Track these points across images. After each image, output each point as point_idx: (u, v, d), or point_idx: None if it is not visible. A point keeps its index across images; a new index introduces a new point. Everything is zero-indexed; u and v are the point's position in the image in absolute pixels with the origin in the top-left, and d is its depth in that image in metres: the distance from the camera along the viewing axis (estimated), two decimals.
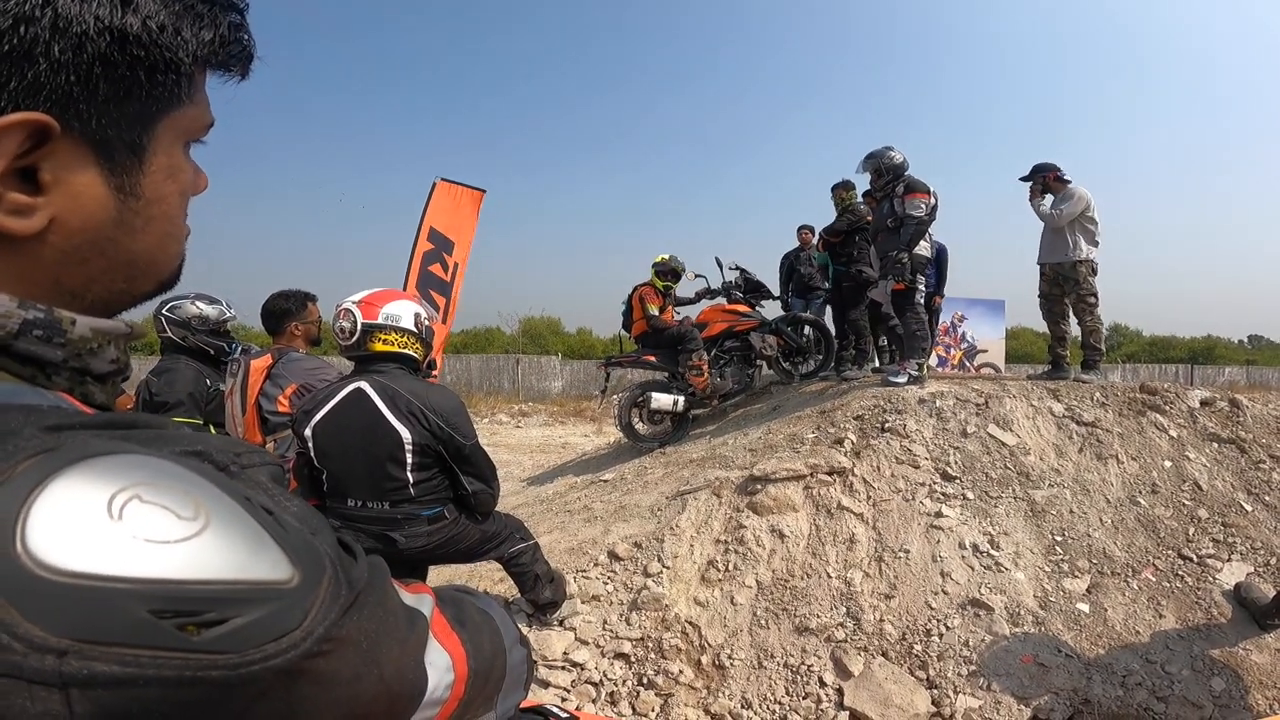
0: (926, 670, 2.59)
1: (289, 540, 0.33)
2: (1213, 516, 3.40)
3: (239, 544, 0.31)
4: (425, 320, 2.41)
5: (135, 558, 0.28)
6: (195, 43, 0.43)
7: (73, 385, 0.41)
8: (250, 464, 0.38)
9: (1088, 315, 5.01)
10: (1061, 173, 5.09)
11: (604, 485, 4.65)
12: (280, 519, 0.34)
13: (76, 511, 0.28)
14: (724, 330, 5.71)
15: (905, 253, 4.62)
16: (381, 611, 0.37)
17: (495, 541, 2.60)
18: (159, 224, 0.45)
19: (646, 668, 2.70)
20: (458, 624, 0.50)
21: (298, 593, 0.32)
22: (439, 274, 5.83)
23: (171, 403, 2.97)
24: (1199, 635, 2.77)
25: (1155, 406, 4.18)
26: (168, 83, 0.42)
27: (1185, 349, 29.30)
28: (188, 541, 0.29)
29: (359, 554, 0.39)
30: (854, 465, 3.62)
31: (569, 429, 11.51)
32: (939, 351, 12.04)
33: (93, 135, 0.40)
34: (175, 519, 0.29)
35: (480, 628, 0.54)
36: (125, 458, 0.31)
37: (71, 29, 0.37)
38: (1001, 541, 3.19)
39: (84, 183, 0.40)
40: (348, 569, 0.36)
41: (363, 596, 0.36)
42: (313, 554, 0.34)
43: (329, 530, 0.38)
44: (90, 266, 0.42)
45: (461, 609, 0.54)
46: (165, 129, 0.44)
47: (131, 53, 0.40)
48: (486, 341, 24.03)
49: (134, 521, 0.28)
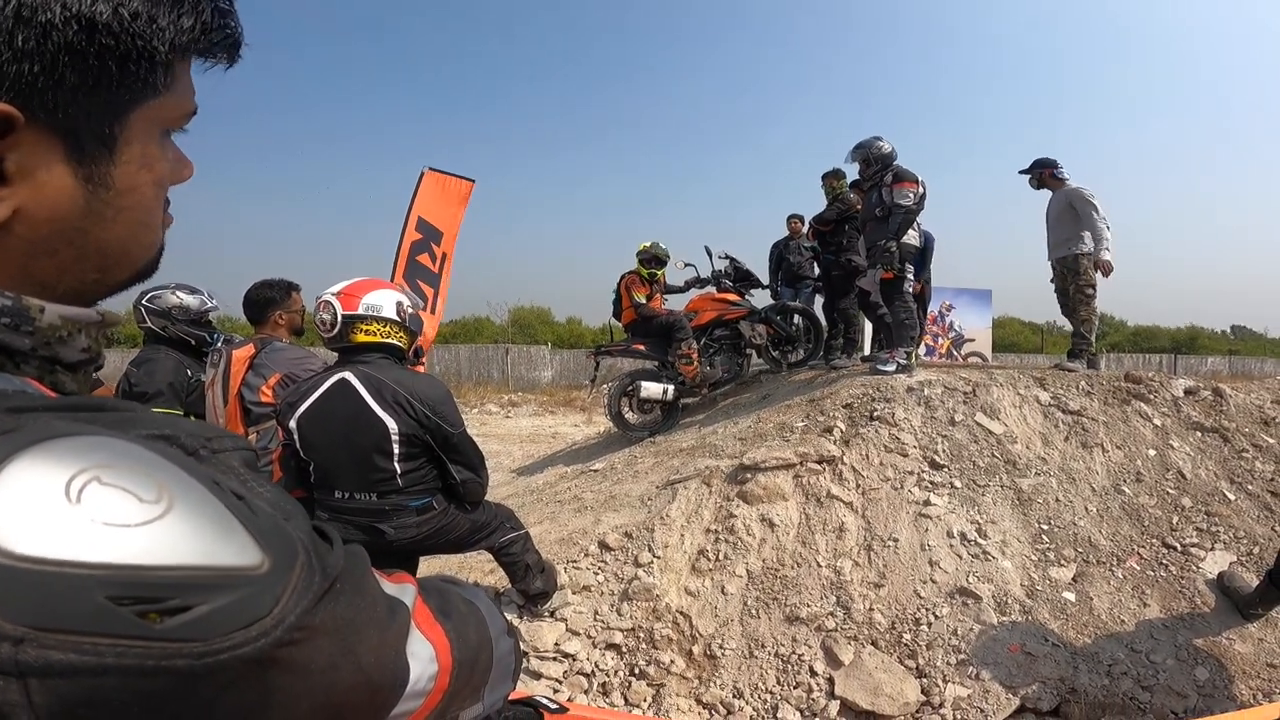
0: (916, 659, 2.61)
1: (259, 525, 0.32)
2: (1196, 505, 3.44)
3: (204, 528, 0.30)
4: (409, 308, 2.37)
5: (93, 542, 0.27)
6: (173, 30, 0.41)
7: (42, 374, 0.40)
8: (221, 449, 0.37)
9: (1083, 307, 5.06)
10: (1058, 169, 5.15)
11: (594, 475, 4.64)
12: (251, 504, 0.33)
13: (33, 494, 0.27)
14: (713, 319, 5.70)
15: (893, 242, 4.63)
16: (359, 599, 0.36)
17: (485, 531, 2.58)
18: (131, 214, 0.44)
19: (638, 658, 2.70)
20: (441, 615, 0.49)
21: (268, 579, 0.30)
22: (427, 264, 5.77)
23: (151, 393, 2.92)
24: (1183, 624, 2.80)
25: (1140, 395, 4.22)
26: (141, 72, 0.41)
27: (1169, 339, 29.69)
28: (149, 525, 0.28)
29: (335, 541, 0.38)
30: (843, 454, 3.63)
31: (559, 419, 11.48)
32: (927, 340, 12.13)
33: (60, 126, 0.38)
34: (136, 502, 0.28)
35: (465, 618, 0.53)
36: (87, 439, 0.30)
37: (36, 17, 0.36)
38: (989, 530, 3.21)
39: (50, 174, 0.39)
40: (322, 555, 0.35)
41: (339, 584, 0.34)
42: (285, 539, 0.33)
43: (304, 516, 0.36)
44: (60, 257, 0.41)
45: (446, 599, 0.53)
46: (139, 119, 0.42)
47: (101, 42, 0.38)
48: (476, 331, 23.91)
49: (92, 504, 0.27)
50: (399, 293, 2.37)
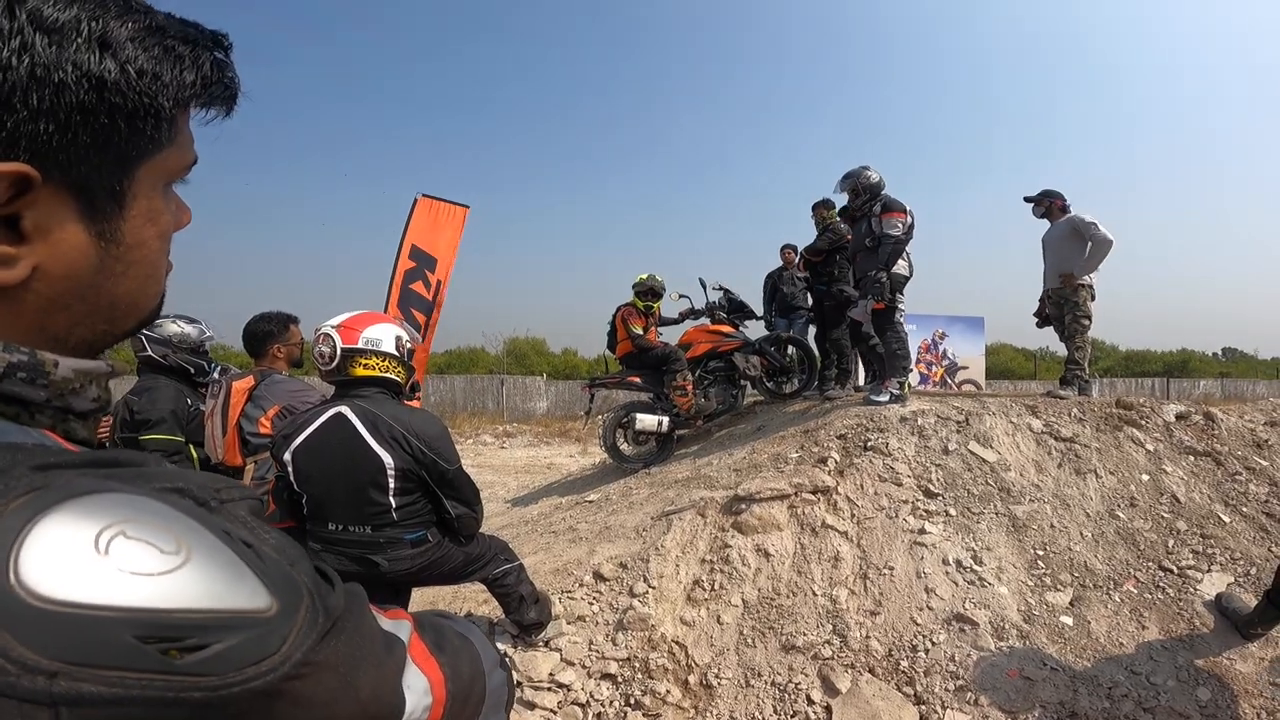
0: (914, 686, 2.59)
1: (267, 571, 0.35)
2: (1191, 528, 3.45)
3: (219, 575, 0.33)
4: (407, 343, 2.40)
5: (122, 588, 0.30)
6: (177, 85, 0.43)
7: (55, 422, 0.42)
8: (230, 499, 0.39)
9: (1078, 336, 5.14)
10: (1065, 202, 5.30)
11: (589, 506, 4.63)
12: (259, 551, 0.36)
13: (66, 546, 0.30)
14: (708, 351, 5.74)
15: (884, 272, 4.68)
16: (359, 637, 0.39)
17: (480, 563, 2.58)
18: (140, 268, 0.45)
19: (633, 688, 2.67)
20: (436, 648, 0.51)
21: (276, 620, 0.34)
22: (421, 292, 5.80)
23: (154, 420, 2.94)
24: (1183, 646, 2.79)
25: (1131, 421, 4.25)
26: (147, 128, 0.42)
27: (1160, 363, 29.88)
28: (170, 574, 0.31)
29: (336, 582, 0.40)
30: (838, 484, 3.64)
31: (554, 449, 11.44)
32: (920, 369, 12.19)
33: (74, 183, 0.40)
34: (158, 553, 0.31)
35: (459, 652, 0.55)
36: (110, 496, 0.32)
37: (50, 77, 0.37)
38: (984, 557, 3.21)
39: (65, 231, 0.40)
40: (325, 597, 0.38)
41: (340, 623, 0.38)
42: (290, 584, 0.36)
43: (306, 560, 0.39)
44: (73, 312, 0.43)
45: (440, 634, 0.55)
46: (146, 173, 0.44)
47: (110, 100, 0.40)
48: (471, 362, 23.92)
49: (120, 555, 0.30)
50: (399, 327, 2.39)
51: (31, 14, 0.37)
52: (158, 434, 2.96)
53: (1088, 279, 5.09)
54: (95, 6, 0.40)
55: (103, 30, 0.39)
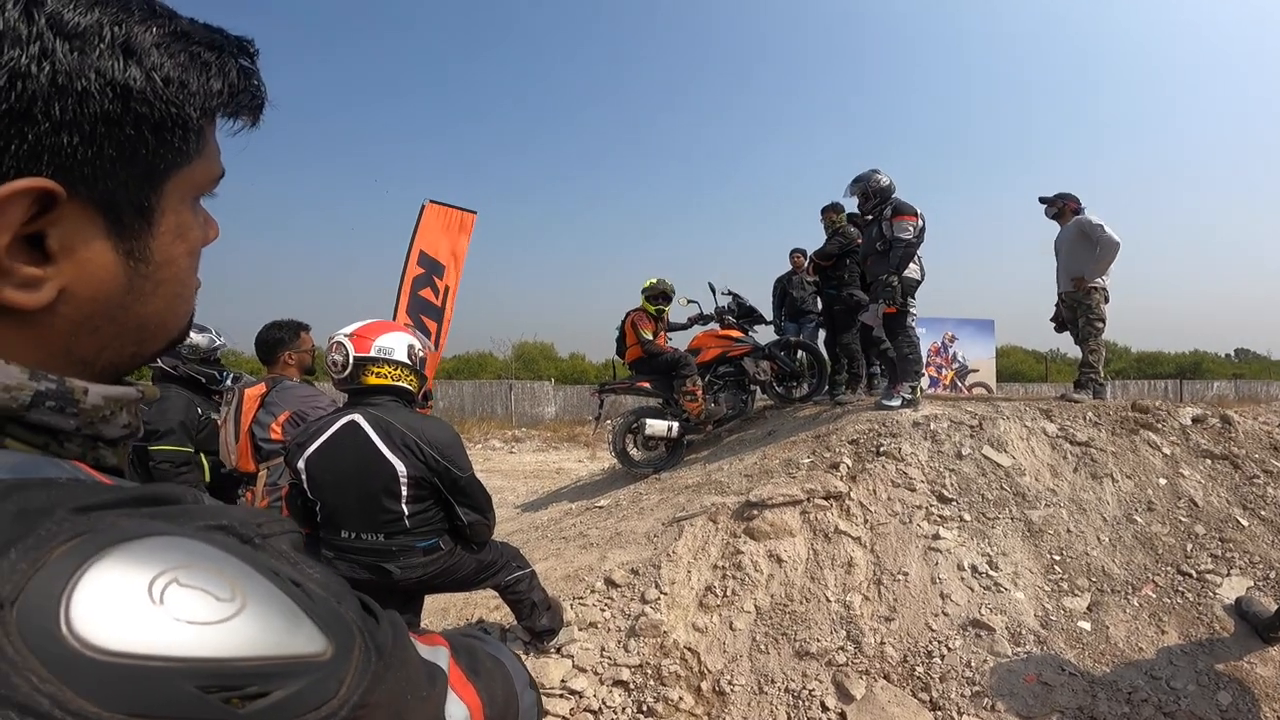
0: (929, 692, 2.56)
1: (319, 612, 0.34)
2: (1210, 532, 3.41)
3: (275, 621, 0.32)
4: (419, 352, 2.40)
5: (181, 639, 0.29)
6: (204, 94, 0.41)
7: (85, 451, 0.40)
8: (272, 533, 0.38)
9: (1092, 339, 5.09)
10: (1079, 204, 5.27)
11: (599, 511, 4.62)
12: (308, 590, 0.35)
13: (119, 595, 0.29)
14: (718, 356, 5.72)
15: (895, 276, 4.66)
16: (406, 671, 0.38)
17: (491, 570, 2.57)
18: (169, 286, 0.44)
19: (646, 695, 2.66)
20: (472, 673, 0.51)
21: (332, 664, 0.33)
22: (430, 298, 5.81)
23: (163, 430, 2.96)
24: (1203, 650, 2.76)
25: (1148, 425, 4.21)
26: (175, 139, 0.40)
27: (1173, 364, 29.60)
28: (228, 622, 0.30)
29: (380, 616, 0.39)
30: (850, 489, 3.62)
31: (563, 454, 11.45)
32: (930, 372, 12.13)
33: (100, 199, 0.38)
34: (214, 600, 0.30)
35: (493, 675, 0.54)
36: (158, 540, 0.31)
37: (72, 85, 0.35)
38: (1000, 562, 3.18)
39: (92, 250, 0.38)
40: (374, 635, 0.36)
41: (389, 659, 0.36)
42: (342, 625, 0.35)
43: (351, 595, 0.38)
44: (102, 334, 0.41)
45: (475, 658, 0.54)
46: (174, 187, 0.42)
47: (136, 110, 0.38)
48: (479, 367, 23.99)
49: (175, 605, 0.29)
50: (411, 336, 2.39)
51: (51, 18, 0.35)
52: (166, 445, 2.97)
53: (1100, 282, 5.05)
54: (118, 10, 0.38)
55: (126, 35, 0.38)
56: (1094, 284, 5.03)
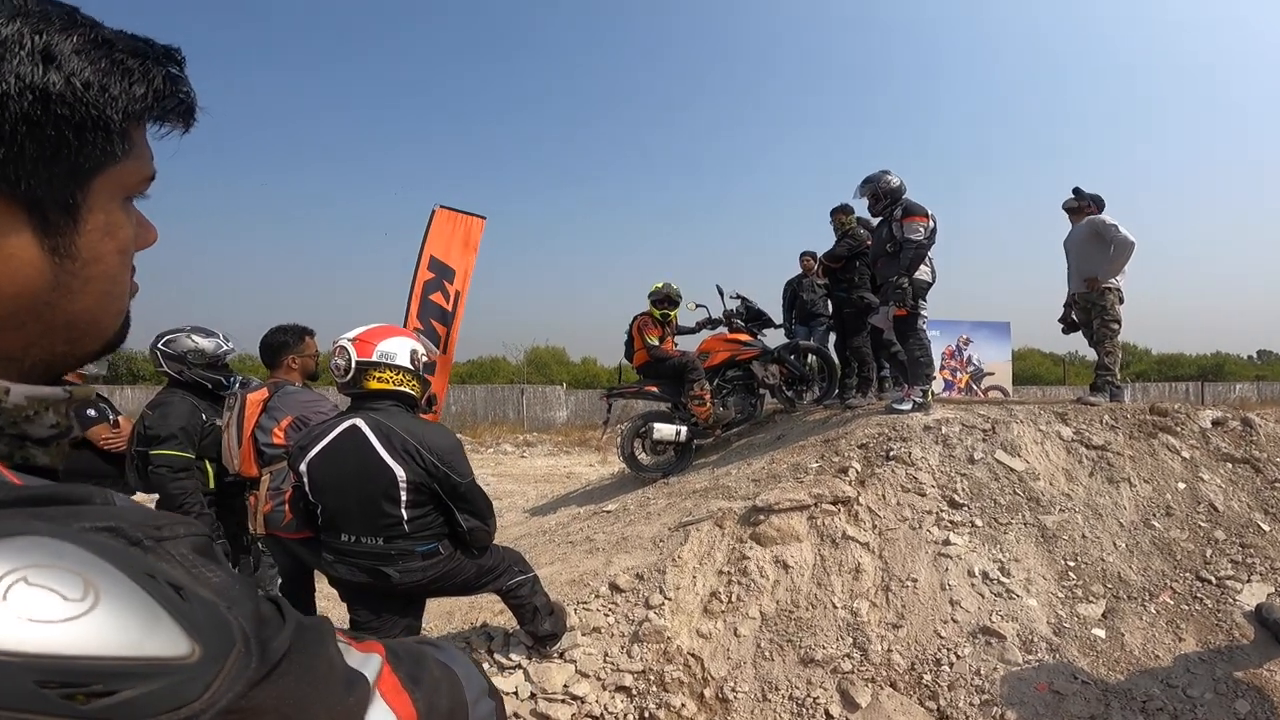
0: (937, 700, 2.51)
1: (191, 615, 0.34)
2: (1230, 538, 3.32)
3: (130, 621, 0.32)
4: (423, 357, 2.40)
5: (20, 635, 0.29)
6: (126, 99, 0.43)
7: (12, 450, 0.41)
8: (170, 536, 0.38)
9: (1108, 340, 5.00)
10: (1100, 208, 5.16)
11: (606, 516, 4.60)
12: (189, 593, 0.35)
13: None
14: (726, 359, 5.68)
15: (905, 278, 4.60)
16: (309, 677, 0.38)
17: (493, 575, 2.56)
18: (98, 284, 0.44)
19: (648, 701, 2.63)
20: (411, 682, 0.50)
21: (197, 667, 0.33)
22: (440, 303, 5.85)
23: (164, 435, 2.96)
24: (1221, 657, 2.68)
25: (1166, 428, 4.12)
26: (98, 140, 0.42)
27: (1194, 366, 29.07)
28: (74, 621, 0.31)
29: (290, 621, 0.39)
30: (859, 494, 3.57)
31: (574, 458, 11.44)
32: (945, 375, 12.00)
33: (23, 197, 0.39)
34: (61, 600, 0.31)
35: (438, 685, 0.53)
36: (24, 540, 0.32)
37: None
38: (1012, 568, 3.12)
39: (16, 246, 0.39)
40: (266, 640, 0.36)
41: (283, 665, 0.37)
42: (220, 628, 0.35)
43: (252, 600, 0.38)
44: (27, 331, 0.41)
45: (419, 665, 0.53)
46: (100, 186, 0.43)
47: (56, 112, 0.39)
48: (492, 371, 24.08)
49: (18, 602, 0.30)
50: (414, 341, 2.39)
51: None
52: (167, 450, 2.96)
53: (1114, 282, 4.95)
54: (39, 21, 0.40)
55: (46, 44, 0.39)
56: (1108, 284, 4.94)
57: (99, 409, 3.32)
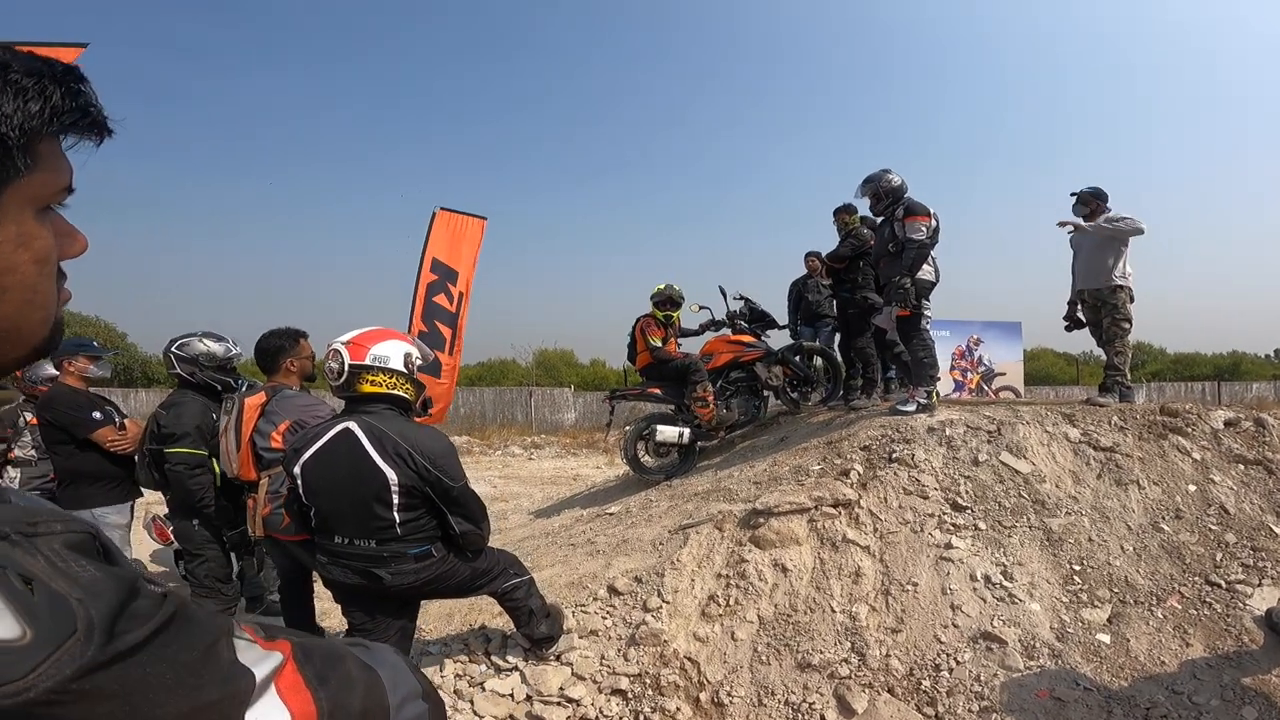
0: (935, 707, 2.47)
1: (31, 604, 0.36)
2: (1241, 541, 3.26)
3: None
4: (417, 360, 2.40)
5: None
6: (21, 115, 0.44)
7: None
8: (45, 533, 0.40)
9: (1118, 340, 4.91)
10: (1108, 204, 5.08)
11: (609, 518, 4.58)
12: (38, 585, 0.37)
13: None
14: (729, 361, 5.65)
15: (908, 278, 4.56)
16: (164, 667, 0.40)
17: (487, 578, 2.56)
18: (15, 294, 0.46)
19: (643, 704, 2.61)
20: (317, 681, 0.51)
21: (26, 650, 0.35)
22: (444, 304, 5.87)
23: (178, 434, 3.07)
24: (1229, 663, 2.63)
25: (1177, 429, 4.04)
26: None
27: (1210, 366, 28.62)
28: None
29: (164, 615, 0.41)
30: (860, 497, 3.53)
31: (581, 460, 11.45)
32: (955, 376, 11.89)
33: None
34: None
35: (351, 684, 0.55)
36: None
37: None
38: (1015, 572, 3.07)
39: None
40: (119, 631, 0.39)
41: (135, 655, 0.39)
42: (60, 617, 0.37)
43: (116, 595, 0.40)
44: None
45: (330, 666, 0.54)
46: (9, 199, 0.44)
47: None
48: (501, 374, 24.15)
49: None
50: (408, 344, 2.39)
51: None
52: (181, 448, 3.08)
53: (1125, 280, 4.87)
54: None
55: None
56: (1120, 282, 4.86)
57: (105, 412, 3.38)
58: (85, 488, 3.31)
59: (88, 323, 24.15)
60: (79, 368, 3.39)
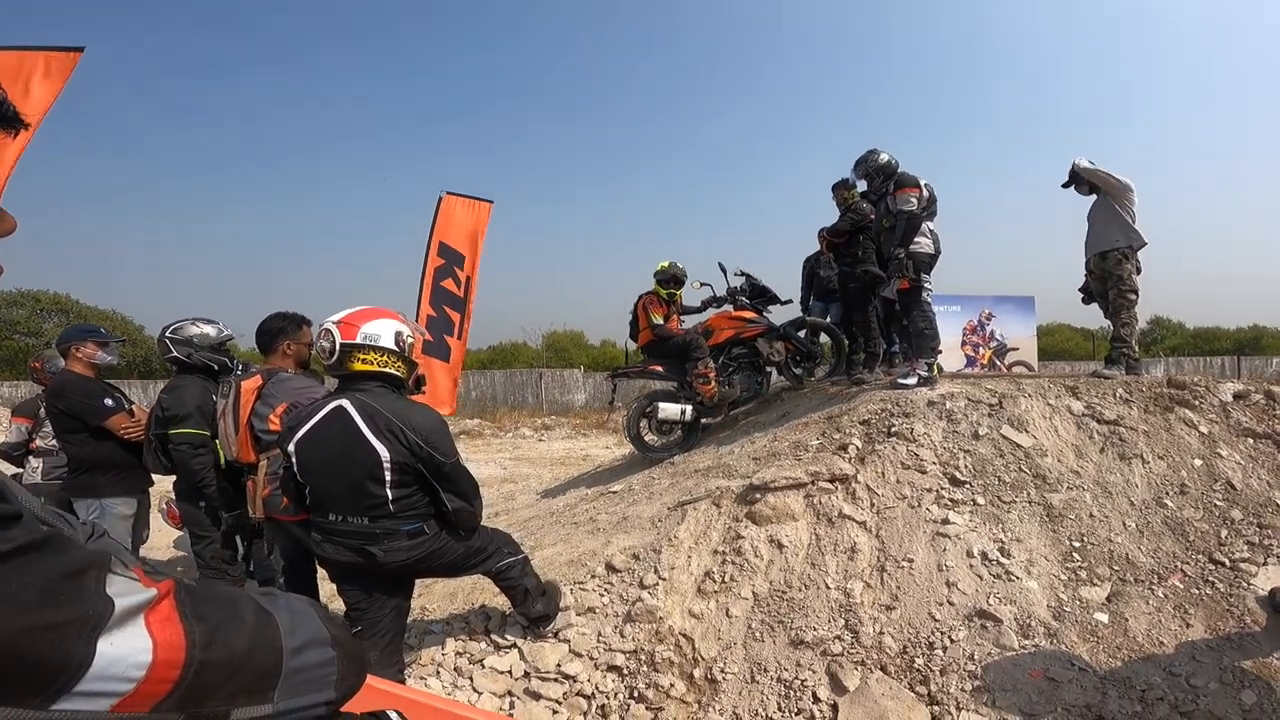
0: (927, 685, 2.47)
1: None
2: (1247, 518, 3.20)
3: None
4: (408, 338, 2.40)
5: None
6: None
7: None
8: None
9: (1124, 311, 4.81)
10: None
11: (612, 497, 4.61)
12: None
13: None
14: (731, 337, 5.61)
15: (902, 249, 4.53)
16: (14, 585, 0.43)
17: (481, 556, 2.58)
18: None
19: (638, 680, 2.64)
20: (194, 618, 0.53)
21: None
22: (452, 289, 5.87)
23: (181, 415, 3.13)
24: (1230, 645, 2.59)
25: (1184, 402, 3.97)
26: None
27: (1231, 340, 28.12)
28: None
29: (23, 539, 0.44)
30: (858, 472, 3.51)
31: (591, 440, 11.50)
32: (967, 351, 11.76)
33: None
34: None
35: (236, 623, 0.56)
36: None
37: None
38: (1013, 549, 3.05)
39: None
40: None
41: None
42: None
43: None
44: None
45: (216, 605, 0.56)
46: None
47: None
48: (513, 357, 24.26)
49: None
50: (400, 323, 2.39)
51: None
52: (185, 428, 3.14)
53: (1128, 241, 4.76)
54: None
55: None
56: (1123, 245, 4.75)
57: (115, 399, 3.43)
58: (96, 476, 3.36)
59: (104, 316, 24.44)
60: (86, 354, 3.42)
